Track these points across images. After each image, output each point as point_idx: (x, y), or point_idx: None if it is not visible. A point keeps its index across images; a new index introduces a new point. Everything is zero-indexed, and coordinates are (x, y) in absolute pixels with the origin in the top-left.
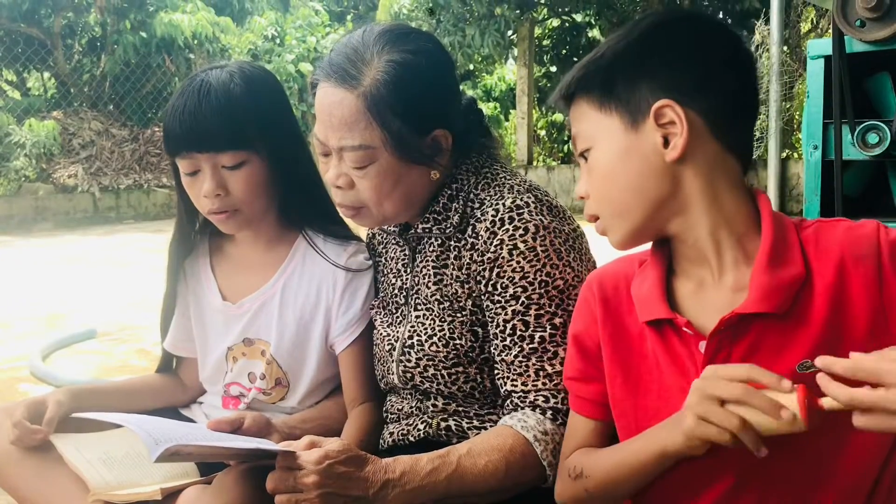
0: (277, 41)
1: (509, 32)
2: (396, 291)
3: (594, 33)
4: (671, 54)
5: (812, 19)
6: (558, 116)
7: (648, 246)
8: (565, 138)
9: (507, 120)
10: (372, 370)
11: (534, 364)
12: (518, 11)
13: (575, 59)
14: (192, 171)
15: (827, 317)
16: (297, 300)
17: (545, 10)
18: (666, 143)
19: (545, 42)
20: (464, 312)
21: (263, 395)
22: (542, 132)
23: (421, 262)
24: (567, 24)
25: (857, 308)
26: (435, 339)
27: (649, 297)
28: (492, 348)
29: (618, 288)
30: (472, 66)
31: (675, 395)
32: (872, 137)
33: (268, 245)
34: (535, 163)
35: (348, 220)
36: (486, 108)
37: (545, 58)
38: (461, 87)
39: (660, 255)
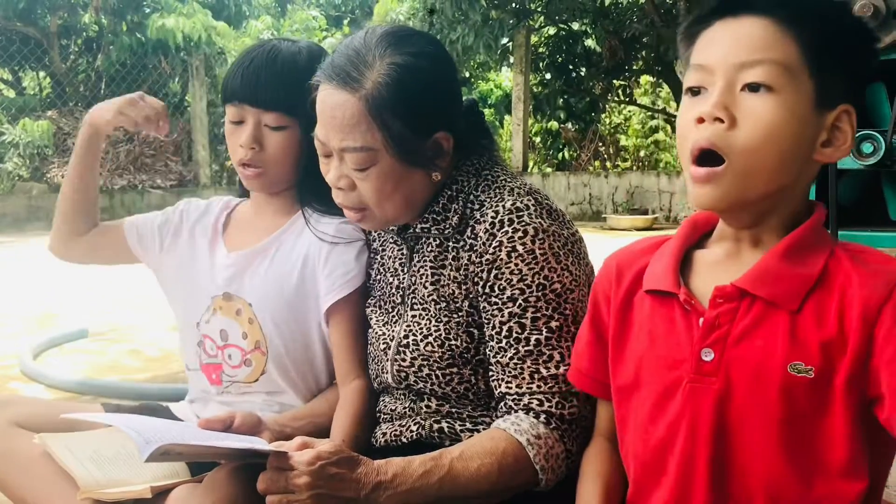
0: None
1: (504, 39)
2: (393, 291)
3: (590, 42)
4: (857, 62)
5: None
6: (553, 124)
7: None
8: (560, 146)
9: (502, 126)
10: (364, 343)
11: (529, 367)
12: (514, 19)
13: (570, 66)
14: (237, 120)
15: (834, 336)
16: (285, 265)
17: (542, 19)
18: (825, 144)
19: (541, 50)
20: (460, 313)
21: (244, 368)
22: (538, 139)
23: (418, 261)
24: (563, 33)
25: (852, 342)
26: (430, 339)
27: (662, 268)
28: (487, 350)
29: (632, 264)
30: (467, 74)
31: (662, 368)
32: (867, 147)
33: (274, 214)
34: (530, 170)
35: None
36: None
37: (541, 65)
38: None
39: (688, 232)
